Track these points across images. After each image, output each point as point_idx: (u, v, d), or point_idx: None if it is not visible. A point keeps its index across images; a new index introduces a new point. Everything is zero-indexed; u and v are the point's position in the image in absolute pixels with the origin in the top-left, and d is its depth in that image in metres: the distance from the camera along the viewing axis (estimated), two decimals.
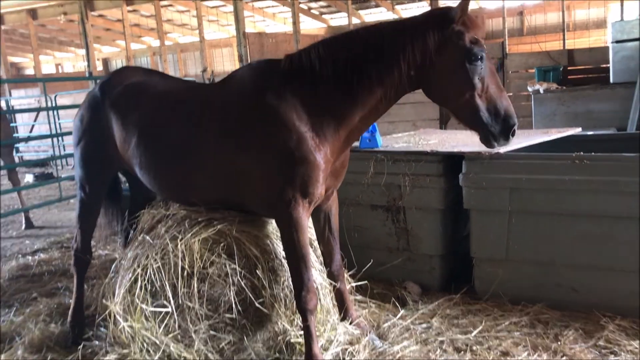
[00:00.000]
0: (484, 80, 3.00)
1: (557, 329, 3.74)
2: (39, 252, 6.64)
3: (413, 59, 3.02)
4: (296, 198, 3.15)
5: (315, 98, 3.17)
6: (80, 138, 3.89)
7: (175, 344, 3.33)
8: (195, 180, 3.48)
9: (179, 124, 3.48)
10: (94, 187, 3.96)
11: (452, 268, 4.66)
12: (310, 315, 3.23)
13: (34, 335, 3.91)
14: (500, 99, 3.04)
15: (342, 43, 3.18)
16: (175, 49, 22.44)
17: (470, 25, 3.01)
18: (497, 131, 3.05)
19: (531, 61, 11.64)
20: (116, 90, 3.74)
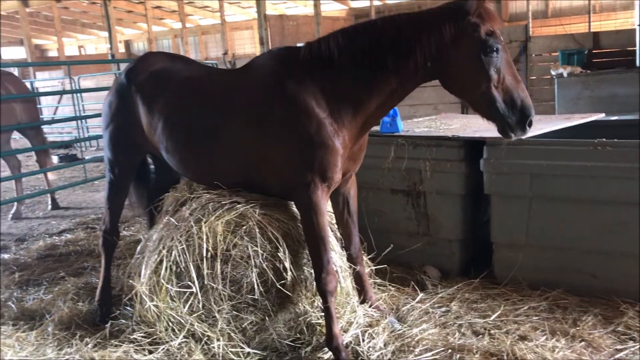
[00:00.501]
0: (500, 71, 3.03)
1: (576, 314, 3.76)
2: (65, 232, 6.80)
3: (429, 50, 3.06)
4: (315, 182, 3.25)
5: (333, 85, 3.26)
6: (109, 123, 3.99)
7: (199, 323, 3.42)
8: (218, 163, 3.60)
9: (202, 110, 3.59)
10: (122, 170, 4.07)
11: (472, 253, 4.69)
12: (330, 297, 3.30)
13: (63, 313, 4.03)
14: (517, 90, 3.06)
15: (361, 33, 3.25)
16: (197, 31, 22.51)
17: (486, 17, 3.04)
18: (513, 122, 3.09)
19: (555, 44, 11.48)
20: (142, 77, 3.83)
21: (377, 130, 4.83)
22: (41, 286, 4.85)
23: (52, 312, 4.14)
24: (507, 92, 3.05)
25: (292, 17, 15.70)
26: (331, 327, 3.31)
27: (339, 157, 3.27)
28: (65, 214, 7.96)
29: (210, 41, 22.73)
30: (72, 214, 7.96)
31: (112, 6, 16.14)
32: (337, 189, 3.68)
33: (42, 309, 4.25)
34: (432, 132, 4.69)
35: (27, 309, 4.29)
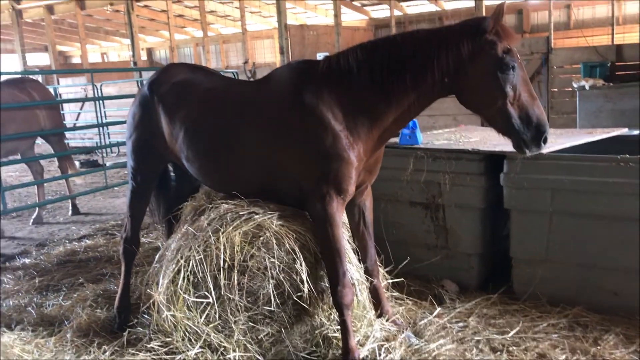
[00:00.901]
0: (516, 88, 3.08)
1: (596, 332, 3.70)
2: (85, 238, 6.87)
3: (447, 66, 3.12)
4: (330, 194, 3.28)
5: (351, 99, 3.31)
6: (132, 132, 4.07)
7: (216, 334, 3.42)
8: (237, 172, 3.64)
9: (222, 120, 3.65)
10: (144, 178, 4.14)
11: (491, 267, 4.64)
12: (347, 310, 3.30)
13: (82, 320, 4.07)
14: (532, 107, 3.10)
15: (380, 48, 3.30)
16: (218, 40, 22.69)
17: (503, 35, 3.09)
18: (528, 138, 3.12)
19: (577, 56, 11.36)
20: (164, 88, 3.90)
21: (397, 142, 4.82)
22: (60, 292, 4.90)
23: (70, 319, 4.19)
24: (522, 109, 3.09)
25: (312, 27, 15.76)
26: (347, 340, 3.30)
27: (353, 170, 3.31)
28: (86, 220, 8.05)
29: (231, 50, 22.90)
30: (92, 219, 8.05)
31: (135, 14, 16.36)
32: (352, 200, 3.71)
33: (61, 315, 4.30)
34: (452, 145, 4.67)
35: (46, 315, 4.34)
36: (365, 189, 3.77)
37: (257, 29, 22.35)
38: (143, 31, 23.52)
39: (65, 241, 6.78)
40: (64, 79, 18.72)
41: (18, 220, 8.24)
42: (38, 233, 7.42)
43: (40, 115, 7.65)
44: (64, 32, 23.90)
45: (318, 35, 15.18)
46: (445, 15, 18.39)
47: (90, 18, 22.21)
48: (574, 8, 17.24)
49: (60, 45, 25.27)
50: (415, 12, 19.19)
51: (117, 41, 26.55)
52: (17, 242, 6.99)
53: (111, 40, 26.52)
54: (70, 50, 27.66)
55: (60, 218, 8.28)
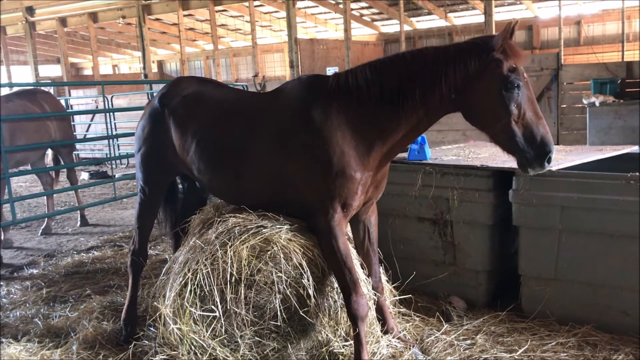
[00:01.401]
0: (521, 107, 3.08)
1: (606, 352, 3.66)
2: (93, 249, 6.89)
3: (454, 83, 3.14)
4: (335, 208, 3.31)
5: (359, 116, 3.34)
6: (141, 146, 4.09)
7: (222, 348, 3.41)
8: (246, 184, 3.67)
9: (231, 133, 3.68)
10: (152, 190, 4.16)
11: (499, 284, 4.61)
12: (362, 323, 3.28)
13: (88, 332, 4.07)
14: (537, 126, 3.10)
15: (389, 67, 3.33)
16: (228, 53, 22.83)
17: (510, 54, 3.10)
18: (532, 157, 3.12)
19: (587, 73, 11.33)
20: (174, 102, 3.93)
21: (405, 157, 4.81)
22: (67, 303, 4.91)
23: (77, 331, 4.19)
24: (527, 128, 3.10)
25: (322, 41, 15.81)
26: (360, 353, 3.28)
27: (359, 186, 3.33)
28: (94, 231, 8.07)
29: (241, 63, 23.01)
30: (100, 231, 8.07)
31: (146, 27, 16.51)
32: (357, 217, 3.73)
33: (68, 327, 4.31)
34: (461, 161, 4.66)
35: (53, 326, 4.35)
36: (371, 205, 3.78)
37: (268, 42, 22.46)
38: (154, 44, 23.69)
39: (73, 252, 6.81)
40: (75, 91, 18.87)
41: (27, 230, 8.28)
42: (46, 244, 7.44)
43: (51, 127, 7.71)
44: (76, 44, 24.10)
45: (328, 50, 15.24)
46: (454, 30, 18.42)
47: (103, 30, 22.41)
48: (584, 24, 17.22)
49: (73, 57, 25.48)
50: (424, 28, 19.23)
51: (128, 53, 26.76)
52: (26, 252, 7.02)
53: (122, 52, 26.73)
54: (82, 62, 27.89)
55: (69, 229, 8.31)
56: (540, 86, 11.76)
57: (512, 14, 17.48)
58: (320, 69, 14.67)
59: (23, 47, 20.94)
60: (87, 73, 27.77)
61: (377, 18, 19.47)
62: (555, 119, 11.67)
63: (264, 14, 19.32)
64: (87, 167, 14.99)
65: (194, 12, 19.00)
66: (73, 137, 8.56)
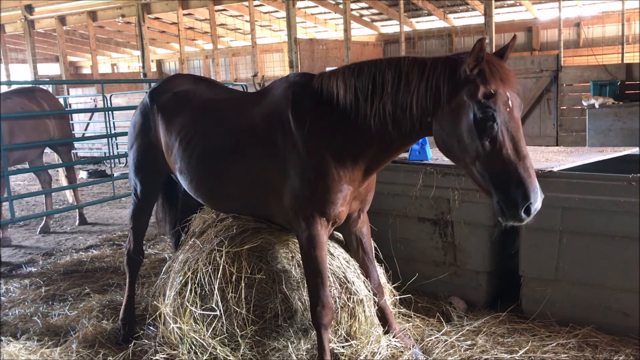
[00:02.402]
0: (497, 142, 2.56)
1: (606, 353, 3.65)
2: (92, 248, 6.87)
3: (425, 104, 2.77)
4: (314, 216, 3.18)
5: (338, 124, 3.12)
6: (133, 142, 4.04)
7: (222, 347, 3.40)
8: (227, 187, 3.56)
9: (214, 133, 3.57)
10: (145, 189, 4.09)
11: (499, 285, 4.60)
12: (325, 330, 3.24)
13: (87, 331, 4.05)
14: (516, 168, 2.55)
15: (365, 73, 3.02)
16: (227, 52, 22.83)
17: (489, 76, 2.59)
18: (505, 205, 2.61)
19: (587, 74, 11.36)
20: (164, 97, 3.87)
21: (406, 157, 4.81)
22: (66, 302, 4.89)
23: (76, 329, 4.17)
24: (502, 168, 2.57)
25: (322, 41, 15.82)
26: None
27: (339, 195, 3.16)
28: (93, 230, 8.05)
29: (240, 62, 23.02)
30: (99, 229, 8.05)
31: (145, 26, 16.50)
32: (348, 229, 3.66)
33: (67, 326, 4.29)
34: None
35: (52, 325, 4.33)
36: (359, 217, 3.64)
37: (267, 42, 22.46)
38: (153, 43, 23.68)
39: (72, 251, 6.79)
40: (74, 89, 18.85)
41: (25, 229, 8.26)
42: (45, 242, 7.42)
43: (50, 125, 7.69)
44: (75, 43, 24.09)
45: (327, 50, 15.25)
46: (454, 31, 18.43)
47: (102, 29, 22.41)
48: (584, 26, 17.23)
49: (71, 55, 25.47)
50: (424, 28, 19.24)
51: (127, 52, 26.74)
52: (24, 251, 6.99)
53: (122, 51, 26.71)
54: (81, 60, 27.87)
55: (68, 228, 8.29)
56: (539, 88, 11.78)
57: (512, 15, 17.51)
58: (320, 69, 14.66)
59: (22, 45, 20.95)
60: (86, 72, 27.75)
61: (377, 18, 19.48)
62: (555, 121, 11.69)
63: (264, 13, 19.33)
64: (85, 166, 14.96)
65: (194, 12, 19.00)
66: (72, 136, 8.52)
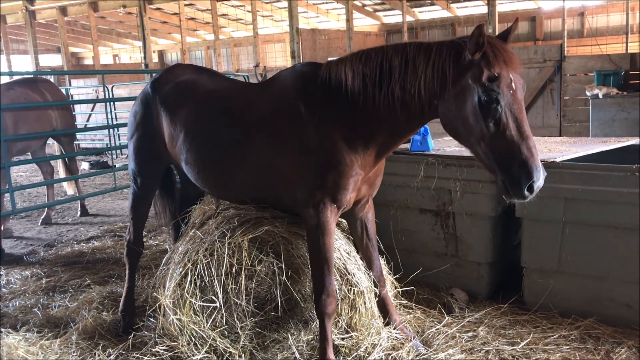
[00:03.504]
0: (501, 123, 2.68)
1: (608, 345, 3.63)
2: (93, 239, 6.86)
3: (432, 87, 2.87)
4: (325, 202, 3.20)
5: (348, 111, 3.17)
6: (134, 132, 4.01)
7: (222, 339, 3.39)
8: (235, 177, 3.56)
9: (222, 124, 3.56)
10: (145, 179, 4.07)
11: (501, 277, 4.58)
12: (328, 319, 3.25)
13: (87, 322, 4.04)
14: (520, 148, 2.67)
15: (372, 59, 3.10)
16: (229, 43, 22.77)
17: (492, 60, 2.70)
18: (509, 184, 2.72)
19: (591, 64, 11.29)
20: (166, 88, 3.84)
21: (407, 148, 4.77)
22: (67, 293, 4.89)
23: (76, 321, 4.16)
24: (506, 148, 2.68)
25: (324, 32, 15.73)
26: (325, 350, 3.25)
27: (350, 181, 3.20)
28: (94, 221, 8.05)
29: (242, 53, 22.97)
30: (100, 221, 8.05)
31: (147, 17, 16.44)
32: (354, 214, 3.65)
33: (67, 317, 4.28)
34: (464, 152, 4.61)
35: (52, 316, 4.33)
36: (367, 202, 3.66)
37: (269, 32, 22.40)
38: (155, 33, 23.64)
39: (73, 242, 6.78)
40: (76, 80, 18.84)
41: (27, 220, 8.26)
42: (46, 233, 7.42)
43: (53, 116, 7.67)
44: (77, 34, 24.05)
45: (330, 40, 15.17)
46: (457, 21, 18.33)
47: (103, 20, 22.36)
48: (588, 16, 17.12)
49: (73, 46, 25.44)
50: (427, 18, 19.15)
51: (129, 43, 26.70)
52: (26, 242, 6.99)
53: (123, 42, 26.68)
54: (82, 51, 27.84)
55: (69, 219, 8.28)
56: (543, 78, 11.71)
57: (516, 4, 17.41)
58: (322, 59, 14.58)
59: (23, 36, 20.90)
60: (87, 63, 27.73)
61: (380, 8, 19.39)
62: (558, 111, 11.63)
63: (266, 3, 19.26)
64: (87, 157, 14.96)
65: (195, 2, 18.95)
66: (74, 126, 8.49)
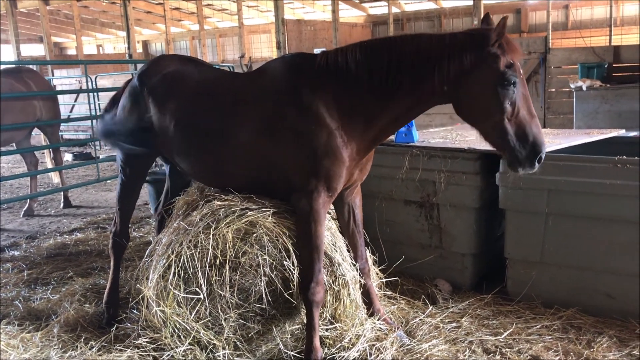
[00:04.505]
0: (515, 104, 2.99)
1: (590, 335, 3.67)
2: (76, 231, 6.80)
3: (447, 75, 3.04)
4: (318, 190, 3.25)
5: (347, 97, 3.25)
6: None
7: (206, 331, 3.38)
8: (227, 166, 3.58)
9: (213, 113, 3.57)
10: (133, 171, 4.06)
11: (485, 267, 4.61)
12: (316, 308, 3.28)
13: (69, 315, 4.00)
14: (530, 126, 3.01)
15: (380, 49, 3.22)
16: (214, 33, 22.60)
17: (507, 49, 3.00)
18: (522, 157, 3.03)
19: (575, 57, 11.35)
20: (154, 80, 3.82)
21: (392, 139, 4.77)
22: (49, 286, 4.84)
23: (58, 313, 4.12)
24: (519, 126, 3.01)
25: (309, 22, 15.67)
26: (312, 339, 3.28)
27: (344, 169, 3.28)
28: (77, 213, 7.97)
29: (227, 44, 22.80)
30: (84, 212, 7.97)
31: (131, 6, 16.23)
32: (342, 198, 3.69)
33: (49, 310, 4.24)
34: (448, 144, 4.63)
35: (33, 309, 4.27)
36: (355, 187, 3.73)
37: (254, 23, 22.25)
38: (139, 23, 23.39)
39: (56, 234, 6.71)
40: (59, 71, 18.59)
41: (9, 212, 8.16)
42: (29, 225, 7.34)
43: (37, 106, 7.56)
44: (60, 24, 23.74)
45: (315, 31, 15.11)
46: (443, 13, 18.34)
47: (86, 9, 22.08)
48: (572, 8, 17.21)
49: (56, 36, 25.11)
50: (413, 10, 19.12)
51: (113, 33, 26.41)
52: (7, 234, 6.91)
53: (107, 32, 26.37)
54: (65, 41, 27.49)
55: (52, 210, 8.20)
56: (528, 70, 11.76)
57: None
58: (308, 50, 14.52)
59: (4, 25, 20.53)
60: (71, 53, 27.40)
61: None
62: (543, 103, 11.69)
63: None
64: (70, 149, 14.80)
65: None
66: (59, 117, 8.37)
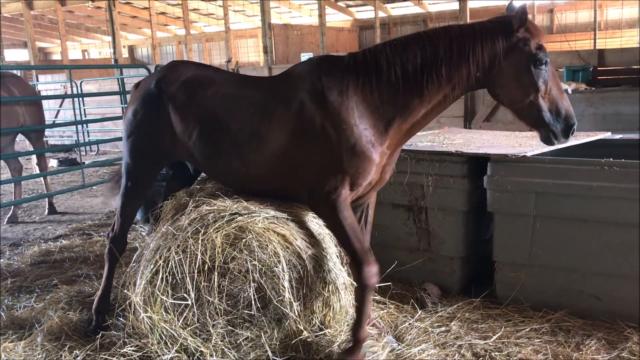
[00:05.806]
0: (547, 82, 3.20)
1: (579, 337, 3.68)
2: (61, 238, 6.71)
3: (482, 61, 3.22)
4: (344, 186, 3.33)
5: (377, 95, 3.34)
6: (132, 132, 3.90)
7: (193, 338, 3.34)
8: (254, 169, 3.57)
9: (239, 118, 3.56)
10: (141, 178, 4.01)
11: (473, 271, 4.61)
12: (369, 293, 3.35)
13: (53, 323, 3.93)
14: (562, 100, 3.25)
15: (413, 45, 3.33)
16: (201, 38, 22.53)
17: (534, 32, 3.23)
18: (558, 130, 3.25)
19: (560, 60, 11.41)
20: (174, 87, 3.77)
21: None
22: (33, 293, 4.77)
23: (42, 322, 4.05)
24: (552, 102, 3.23)
25: (296, 27, 15.67)
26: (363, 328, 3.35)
27: (374, 166, 3.37)
28: (62, 219, 7.88)
29: (214, 48, 22.72)
30: (69, 219, 7.88)
31: (116, 11, 16.14)
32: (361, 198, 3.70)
33: (33, 318, 4.16)
34: (436, 147, 4.63)
35: (17, 318, 4.20)
36: (380, 185, 3.73)
37: (241, 27, 22.22)
38: (125, 28, 23.26)
39: (41, 241, 6.62)
40: (43, 76, 18.39)
41: None
42: (12, 232, 7.23)
43: (20, 112, 7.46)
44: (44, 28, 23.52)
45: (302, 35, 15.12)
46: (429, 17, 18.43)
47: (71, 14, 21.91)
48: (557, 12, 17.38)
49: (40, 41, 24.88)
50: (399, 14, 19.20)
51: (98, 38, 26.24)
52: None
53: (92, 37, 26.19)
54: (50, 46, 27.27)
55: (36, 217, 8.10)
56: None
57: (487, 1, 17.53)
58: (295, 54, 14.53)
59: None
60: (56, 58, 27.19)
61: (352, 4, 19.39)
62: None
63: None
64: (56, 154, 14.65)
65: None
66: (44, 122, 8.27)
